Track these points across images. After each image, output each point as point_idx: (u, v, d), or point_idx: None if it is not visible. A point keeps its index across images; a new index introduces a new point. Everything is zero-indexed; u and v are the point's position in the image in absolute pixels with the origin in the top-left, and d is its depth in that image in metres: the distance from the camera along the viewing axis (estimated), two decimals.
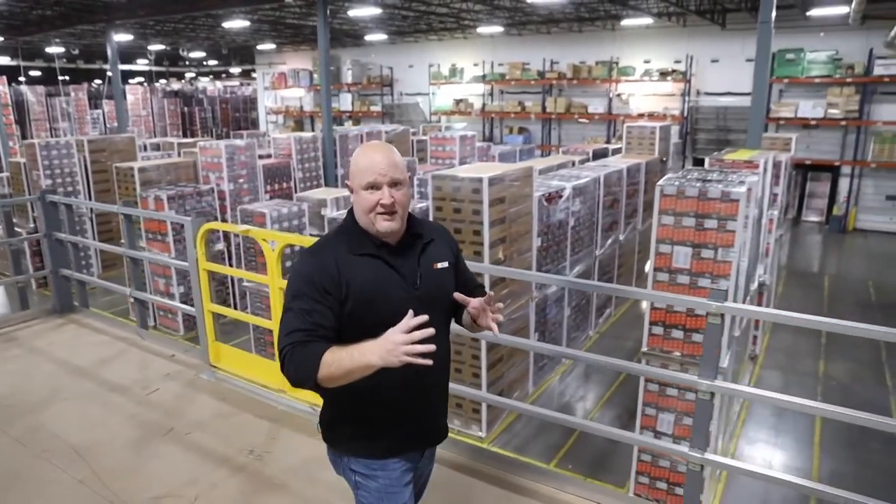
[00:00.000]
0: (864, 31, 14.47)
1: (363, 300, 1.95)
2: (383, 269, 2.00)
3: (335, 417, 2.16)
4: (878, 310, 10.27)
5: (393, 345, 1.73)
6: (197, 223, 4.38)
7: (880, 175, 15.45)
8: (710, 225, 4.37)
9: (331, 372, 1.82)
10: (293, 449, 3.67)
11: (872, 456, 5.99)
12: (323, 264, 1.97)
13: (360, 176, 1.99)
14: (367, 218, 2.00)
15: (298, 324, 1.91)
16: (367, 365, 1.78)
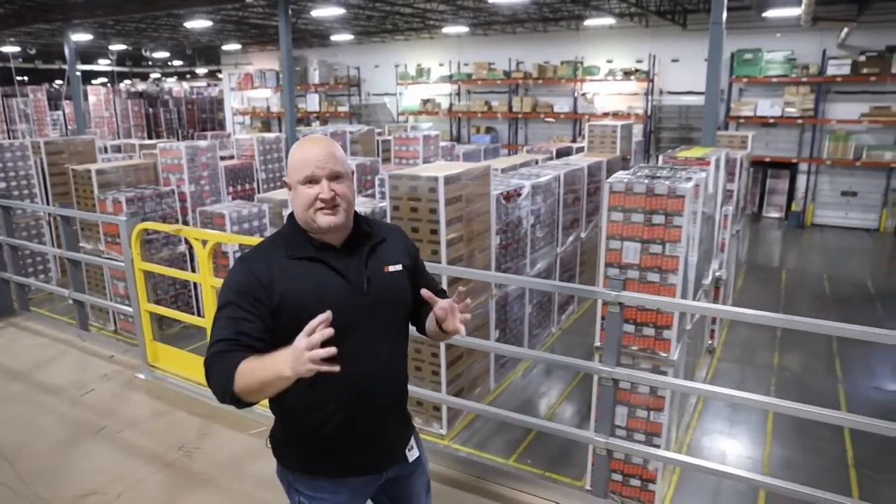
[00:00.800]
0: (817, 33, 14.88)
1: (300, 309, 1.75)
2: (324, 273, 1.86)
3: (282, 432, 2.03)
4: (832, 302, 10.57)
5: (299, 352, 1.54)
6: (131, 223, 4.42)
7: (835, 172, 15.89)
8: (657, 221, 4.47)
9: (246, 383, 1.66)
10: (223, 445, 3.69)
11: (820, 443, 6.18)
12: (253, 271, 1.83)
13: (297, 170, 1.86)
14: (307, 214, 1.86)
15: (223, 333, 1.79)
16: (278, 375, 1.59)
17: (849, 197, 15.99)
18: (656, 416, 4.87)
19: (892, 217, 15.35)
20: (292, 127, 12.32)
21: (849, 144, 15.21)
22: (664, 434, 4.90)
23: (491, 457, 5.90)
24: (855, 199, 15.93)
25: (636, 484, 5.13)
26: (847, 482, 5.64)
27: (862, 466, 5.84)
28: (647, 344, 4.70)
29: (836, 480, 5.67)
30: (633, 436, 5.00)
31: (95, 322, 9.18)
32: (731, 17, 15.80)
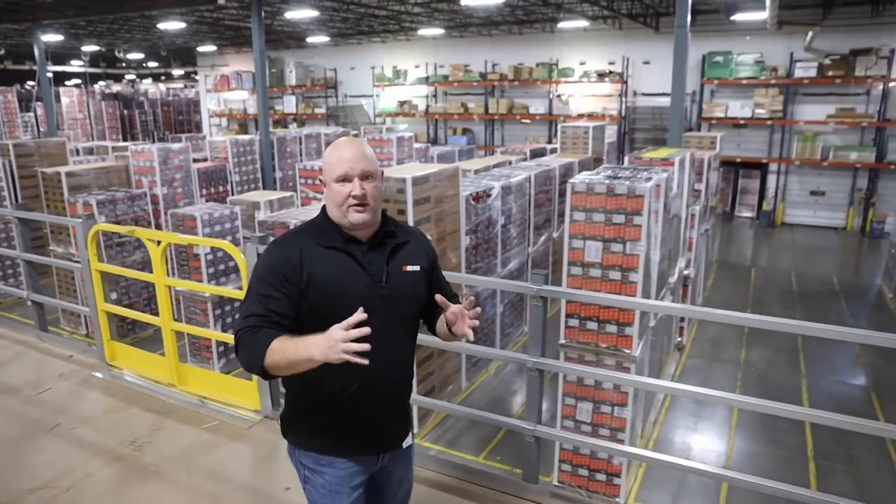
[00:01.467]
0: (785, 36, 15.20)
1: (325, 293, 1.97)
2: (349, 263, 2.02)
3: (292, 410, 2.19)
4: (798, 298, 10.82)
5: (334, 341, 1.73)
6: (86, 225, 4.49)
7: (804, 172, 16.24)
8: (618, 220, 4.57)
9: (275, 360, 1.84)
10: (174, 439, 3.75)
11: (782, 436, 6.34)
12: (286, 253, 2.01)
13: (332, 169, 2.03)
14: (339, 211, 2.03)
15: (255, 308, 1.95)
16: (309, 358, 1.79)
17: (817, 196, 16.35)
18: (620, 412, 4.98)
19: (858, 216, 15.72)
20: (266, 129, 12.30)
21: (816, 145, 15.56)
22: (628, 429, 5.00)
23: (461, 454, 5.97)
24: (823, 199, 16.30)
25: (602, 479, 5.23)
26: (806, 472, 5.81)
27: (820, 457, 6.02)
28: (610, 341, 4.81)
29: (795, 471, 5.84)
30: (599, 431, 5.11)
31: (67, 326, 9.10)
32: (701, 20, 16.17)
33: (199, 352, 8.16)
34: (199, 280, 7.88)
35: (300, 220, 7.31)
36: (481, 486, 3.32)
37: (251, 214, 8.58)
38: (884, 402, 7.15)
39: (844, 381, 7.75)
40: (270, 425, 3.93)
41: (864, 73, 14.51)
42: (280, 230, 7.19)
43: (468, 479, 3.41)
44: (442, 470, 3.48)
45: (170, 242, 4.33)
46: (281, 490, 3.29)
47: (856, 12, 14.45)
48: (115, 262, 8.33)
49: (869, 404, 7.13)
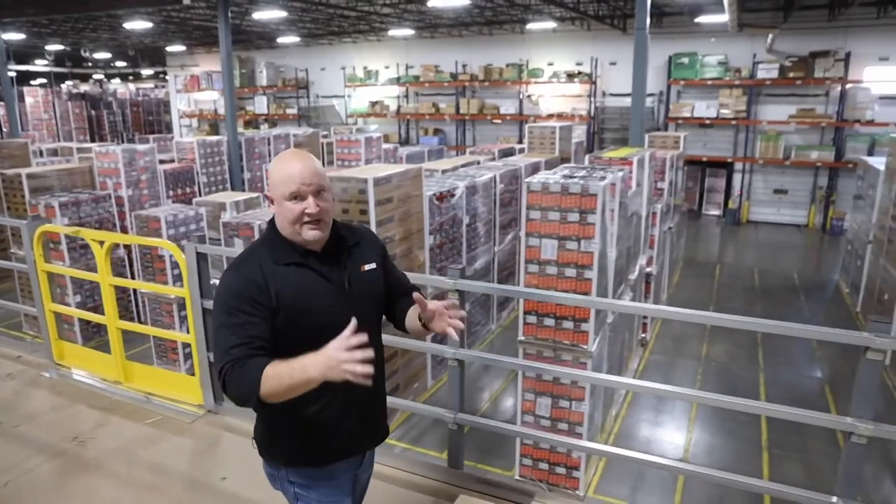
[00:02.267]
0: (748, 38, 15.55)
1: (294, 309, 1.93)
2: (311, 276, 1.99)
3: (269, 429, 2.11)
4: (760, 294, 11.08)
5: (336, 361, 1.70)
6: (31, 226, 4.49)
7: (768, 170, 16.61)
8: (572, 218, 4.68)
9: (272, 388, 1.78)
10: (117, 434, 3.79)
11: (738, 427, 6.53)
12: (248, 276, 1.93)
13: (282, 186, 1.95)
14: (293, 228, 1.97)
15: (234, 339, 1.86)
16: (309, 380, 1.75)
17: (780, 195, 16.74)
18: (577, 406, 5.09)
19: (819, 213, 16.13)
20: (234, 130, 12.24)
21: (779, 144, 15.94)
22: (585, 423, 5.11)
23: (425, 451, 6.04)
24: (786, 197, 16.69)
25: (562, 472, 5.34)
26: (759, 462, 5.99)
27: (774, 447, 6.21)
28: (566, 337, 4.91)
29: (749, 461, 6.02)
30: (558, 426, 5.21)
31: (30, 330, 8.97)
32: (668, 21, 16.46)
33: (166, 353, 8.12)
34: (165, 282, 7.83)
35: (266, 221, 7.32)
36: (411, 473, 3.41)
37: (217, 215, 8.54)
38: (836, 393, 7.38)
39: (800, 375, 7.97)
40: (213, 419, 4.02)
41: (823, 75, 14.91)
42: (244, 231, 7.19)
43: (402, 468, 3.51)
44: (399, 466, 3.54)
45: (116, 244, 4.35)
46: (217, 480, 3.38)
47: (814, 16, 14.84)
48: (80, 264, 8.24)
49: (822, 396, 7.36)
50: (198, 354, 4.10)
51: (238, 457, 3.61)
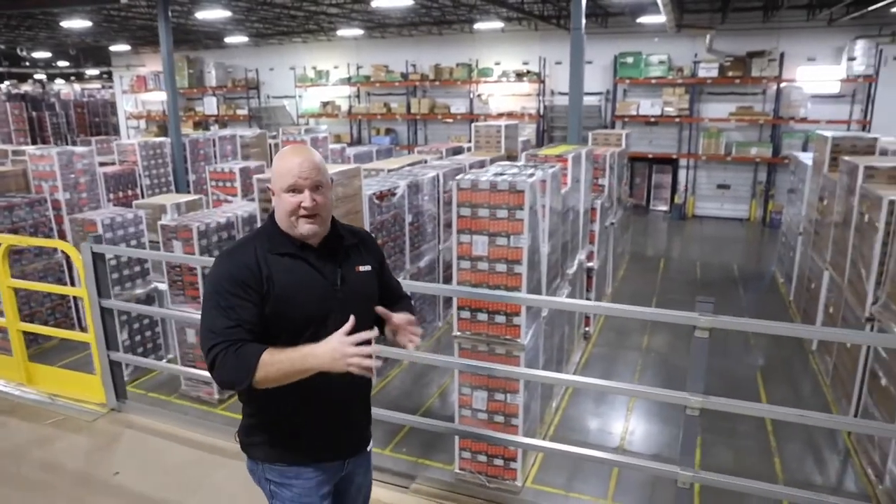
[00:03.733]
0: (689, 38, 16.02)
1: (284, 298, 1.94)
2: (305, 268, 2.00)
3: (252, 425, 2.13)
4: (700, 286, 11.44)
5: (341, 354, 1.76)
6: None
7: (711, 166, 17.14)
8: (501, 215, 4.78)
9: (268, 373, 1.81)
10: (13, 435, 3.76)
11: (673, 415, 6.74)
12: (243, 261, 1.96)
13: (281, 179, 1.98)
14: (289, 221, 2.00)
15: (223, 322, 1.88)
16: (307, 369, 1.80)
17: (723, 190, 17.29)
18: (512, 399, 5.20)
19: (760, 207, 16.72)
20: (178, 132, 12.03)
21: (720, 141, 16.47)
22: (521, 415, 5.22)
23: None
24: (729, 192, 17.25)
25: (500, 464, 5.44)
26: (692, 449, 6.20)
27: (706, 433, 6.44)
28: (499, 331, 5.02)
29: None
30: (494, 418, 5.32)
31: None
32: (612, 22, 16.82)
33: None
34: None
35: (205, 223, 7.23)
36: None
37: (157, 217, 8.40)
38: (767, 381, 7.70)
39: (735, 363, 8.27)
40: (115, 417, 4.06)
41: (760, 74, 15.47)
42: (183, 234, 7.10)
43: None
44: None
45: (11, 245, 4.33)
46: (110, 475, 3.42)
47: (749, 17, 15.38)
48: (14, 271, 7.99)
49: (754, 382, 7.67)
50: (98, 353, 4.11)
51: (135, 452, 3.67)
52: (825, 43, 15.20)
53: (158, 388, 7.74)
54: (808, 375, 7.84)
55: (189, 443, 3.70)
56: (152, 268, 8.21)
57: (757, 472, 5.79)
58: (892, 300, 5.65)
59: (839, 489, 5.69)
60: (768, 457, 6.11)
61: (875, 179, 6.83)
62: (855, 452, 6.07)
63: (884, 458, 5.32)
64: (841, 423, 5.99)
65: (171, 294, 7.32)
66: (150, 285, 8.13)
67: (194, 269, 7.09)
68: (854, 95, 15.34)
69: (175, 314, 6.62)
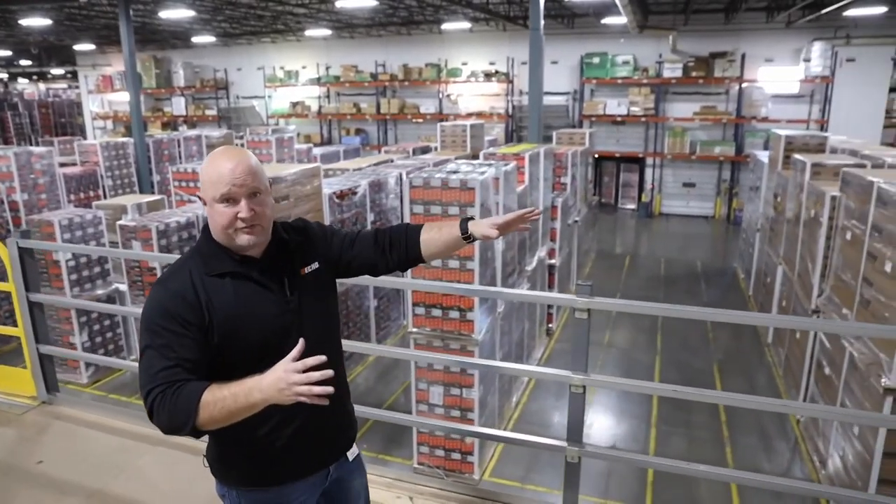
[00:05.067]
0: (654, 38, 16.28)
1: (231, 325, 1.74)
2: (248, 287, 1.79)
3: (221, 447, 1.93)
4: (664, 282, 11.67)
5: (286, 384, 1.54)
6: None
7: (676, 165, 17.45)
8: (453, 212, 4.86)
9: (212, 415, 1.61)
10: None
11: (631, 406, 6.91)
12: (177, 291, 1.74)
13: (213, 187, 1.74)
14: (226, 234, 1.78)
15: (162, 362, 1.67)
16: (256, 404, 1.60)
17: (689, 188, 17.61)
18: (468, 393, 5.28)
19: (724, 205, 17.07)
20: (141, 132, 11.92)
21: (685, 140, 16.77)
22: (476, 409, 5.31)
23: None
24: (694, 190, 17.58)
25: (457, 458, 5.53)
26: (647, 438, 6.37)
27: (661, 423, 6.60)
28: (453, 326, 5.10)
29: (638, 437, 6.39)
30: (451, 412, 5.40)
31: None
32: (579, 22, 17.02)
33: (65, 361, 7.89)
34: (60, 288, 7.60)
35: (165, 223, 7.19)
36: None
37: (117, 217, 8.32)
38: (723, 373, 7.90)
39: (693, 356, 8.46)
40: (46, 409, 4.06)
41: (722, 74, 15.81)
42: (143, 234, 7.06)
43: None
44: None
45: None
46: (33, 464, 3.44)
47: (711, 19, 15.71)
48: None
49: (711, 374, 7.86)
50: (27, 347, 4.13)
51: (61, 442, 3.68)
52: (784, 44, 15.58)
53: (120, 389, 7.70)
54: (763, 367, 8.06)
55: (116, 431, 3.73)
56: (113, 268, 8.15)
57: (707, 459, 5.94)
58: (834, 293, 5.86)
59: (786, 474, 5.87)
60: (720, 446, 6.28)
61: (821, 176, 7.05)
62: (802, 440, 6.27)
63: (827, 444, 5.51)
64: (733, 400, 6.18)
65: (132, 294, 7.27)
66: (111, 286, 8.07)
67: (154, 269, 7.07)
68: (812, 96, 15.75)
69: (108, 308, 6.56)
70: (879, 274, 4.69)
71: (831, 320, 5.52)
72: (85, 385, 7.76)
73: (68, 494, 3.16)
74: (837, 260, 5.83)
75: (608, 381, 3.33)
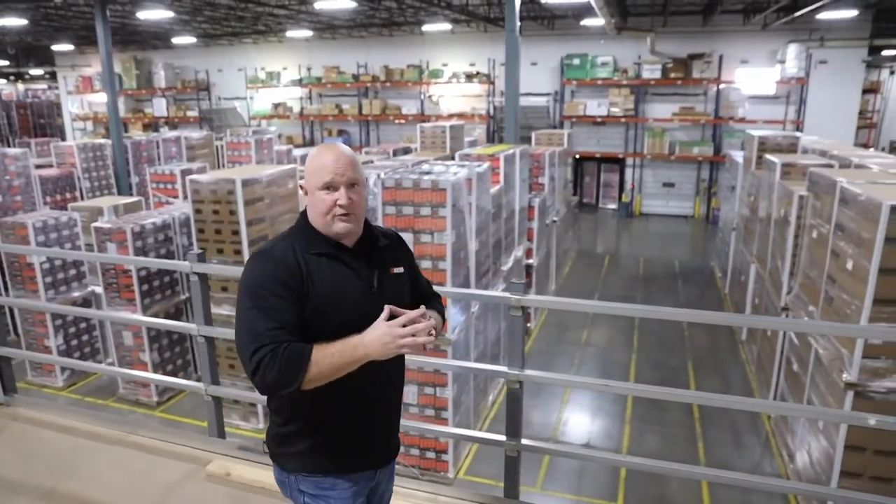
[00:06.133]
0: (633, 40, 16.42)
1: (324, 299, 1.88)
2: (342, 269, 1.94)
3: (285, 433, 2.03)
4: (642, 281, 11.79)
5: (391, 337, 1.74)
6: None
7: (656, 165, 17.61)
8: (425, 212, 4.91)
9: (321, 370, 1.76)
10: None
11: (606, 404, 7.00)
12: (282, 260, 1.88)
13: (316, 176, 1.92)
14: (324, 220, 1.93)
15: (265, 324, 1.80)
16: (360, 358, 1.77)
17: (668, 188, 17.79)
18: (442, 392, 5.32)
19: (703, 204, 17.26)
20: (119, 133, 11.84)
21: (664, 140, 16.94)
22: (450, 408, 5.36)
23: None
24: (674, 190, 17.75)
25: (431, 456, 5.57)
26: (620, 436, 6.45)
27: (635, 420, 6.69)
28: None
29: (612, 435, 6.47)
30: (425, 411, 5.44)
31: None
32: (558, 24, 17.14)
33: (40, 365, 7.85)
34: (35, 291, 7.54)
35: (140, 224, 7.17)
36: (167, 442, 3.55)
37: (94, 219, 8.27)
38: (697, 370, 8.01)
39: (669, 354, 8.56)
40: (2, 412, 4.01)
41: (700, 75, 16.00)
42: (118, 236, 7.03)
43: None
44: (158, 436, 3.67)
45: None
46: None
47: (689, 21, 15.90)
48: None
49: (685, 372, 7.97)
50: None
51: (16, 443, 3.67)
52: (760, 46, 15.80)
53: (95, 393, 7.66)
54: (737, 365, 8.18)
55: (72, 431, 3.71)
56: (89, 271, 8.10)
57: (680, 456, 6.03)
58: (802, 290, 5.97)
59: (757, 469, 5.97)
60: (693, 442, 6.38)
61: (791, 176, 7.18)
62: (773, 435, 6.39)
63: (795, 439, 5.62)
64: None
65: (107, 297, 7.24)
66: (87, 289, 8.03)
67: (129, 272, 7.04)
68: (788, 97, 15.98)
69: (62, 309, 6.50)
70: (842, 272, 4.80)
71: (764, 316, 5.66)
72: (60, 388, 7.71)
73: (20, 494, 3.16)
74: (805, 258, 5.94)
75: (543, 376, 3.38)
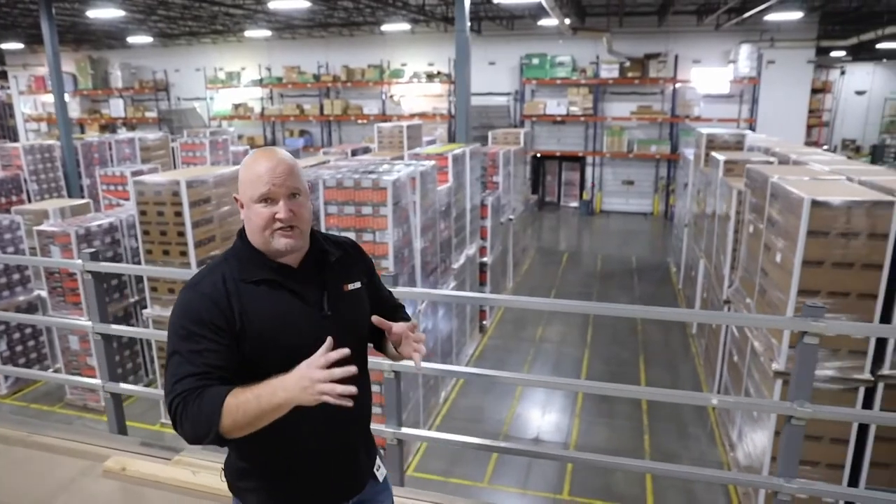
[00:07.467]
0: (591, 40, 16.63)
1: (262, 335, 1.67)
2: (284, 296, 1.72)
3: (240, 468, 1.85)
4: (599, 278, 11.96)
5: (309, 381, 1.47)
6: None
7: (616, 163, 17.88)
8: (366, 211, 4.92)
9: (236, 420, 1.53)
10: None
11: (557, 399, 7.10)
12: (209, 295, 1.67)
13: (250, 187, 1.69)
14: (263, 236, 1.70)
15: (187, 369, 1.60)
16: (278, 406, 1.52)
17: (628, 185, 18.08)
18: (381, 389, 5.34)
19: (662, 202, 17.58)
20: (68, 134, 11.59)
21: (623, 139, 17.22)
22: (408, 407, 5.37)
23: None
24: (633, 188, 18.05)
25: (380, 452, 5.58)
26: (570, 429, 6.55)
27: (584, 413, 6.81)
28: None
29: (561, 428, 6.57)
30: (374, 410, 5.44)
31: None
32: (518, 24, 17.27)
33: None
34: None
35: (85, 227, 7.04)
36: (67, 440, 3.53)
37: (38, 222, 8.09)
38: (648, 363, 8.17)
39: (622, 348, 8.72)
40: None
41: (657, 75, 16.29)
42: (61, 239, 6.90)
43: None
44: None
45: None
46: None
47: (644, 21, 16.18)
48: None
49: (636, 366, 8.12)
50: None
51: None
52: (714, 47, 16.17)
53: (42, 399, 7.51)
54: (688, 358, 8.36)
55: None
56: (34, 275, 7.92)
57: (626, 448, 6.16)
58: (741, 284, 6.14)
59: (701, 459, 6.12)
60: (640, 434, 6.51)
61: (734, 173, 7.37)
62: (716, 426, 6.56)
63: (734, 429, 5.78)
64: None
65: (52, 301, 7.10)
66: (33, 293, 7.85)
67: (74, 275, 6.91)
68: (742, 96, 16.37)
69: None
70: (772, 264, 4.96)
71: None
72: (4, 396, 7.53)
73: None
74: (744, 252, 6.12)
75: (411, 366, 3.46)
